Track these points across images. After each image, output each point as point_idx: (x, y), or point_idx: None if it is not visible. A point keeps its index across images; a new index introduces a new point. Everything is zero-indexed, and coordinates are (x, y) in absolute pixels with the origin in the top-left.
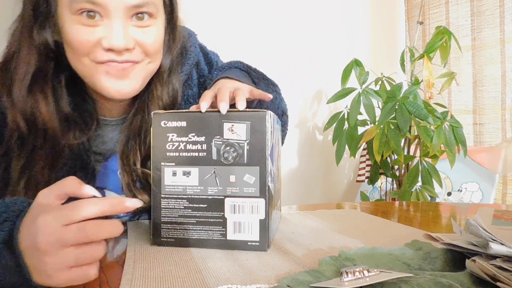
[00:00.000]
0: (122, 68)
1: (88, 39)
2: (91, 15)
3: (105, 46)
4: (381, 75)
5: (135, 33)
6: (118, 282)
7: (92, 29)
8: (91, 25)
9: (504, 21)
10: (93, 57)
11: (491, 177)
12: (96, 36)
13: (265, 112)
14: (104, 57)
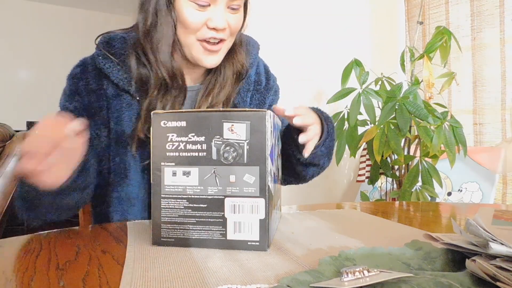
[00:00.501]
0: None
1: (199, 20)
2: (203, 5)
3: (210, 25)
4: (381, 75)
5: (229, 18)
6: (118, 282)
7: (201, 13)
8: (201, 10)
9: (504, 21)
10: (199, 34)
11: (491, 177)
12: (204, 18)
13: (265, 112)
14: (208, 34)
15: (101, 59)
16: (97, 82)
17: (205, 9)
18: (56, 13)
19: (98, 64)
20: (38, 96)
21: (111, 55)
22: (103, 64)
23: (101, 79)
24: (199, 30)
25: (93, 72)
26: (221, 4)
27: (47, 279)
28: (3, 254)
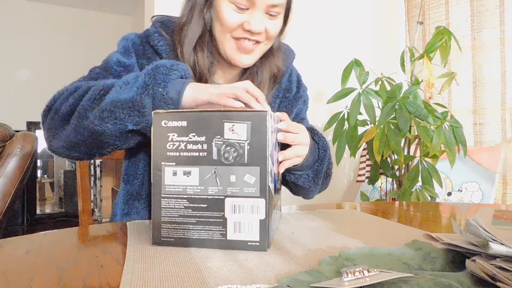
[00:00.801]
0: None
1: (236, 21)
2: (241, 8)
3: (245, 28)
4: (381, 75)
5: (266, 23)
6: (118, 282)
7: (239, 15)
8: (240, 12)
9: (504, 21)
10: (234, 33)
11: (491, 177)
12: (240, 20)
13: (265, 112)
14: (242, 35)
15: (156, 36)
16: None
17: (243, 12)
18: (56, 13)
19: (153, 40)
20: (38, 96)
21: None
22: (157, 41)
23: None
24: (235, 30)
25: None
26: (260, 9)
27: (47, 279)
28: (3, 254)
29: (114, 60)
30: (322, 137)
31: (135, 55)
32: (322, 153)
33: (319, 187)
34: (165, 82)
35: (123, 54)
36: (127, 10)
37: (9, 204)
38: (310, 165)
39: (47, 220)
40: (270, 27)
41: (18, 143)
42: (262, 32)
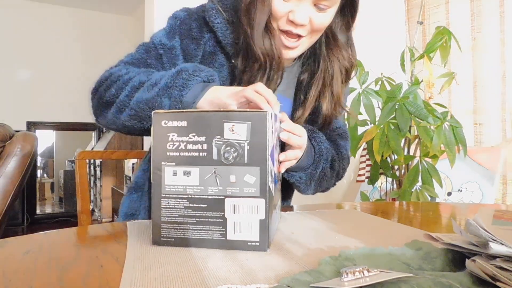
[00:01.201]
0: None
1: (282, 9)
2: None
3: (290, 18)
4: (381, 75)
5: (313, 15)
6: (118, 282)
7: (286, 4)
8: (287, 1)
9: (504, 21)
10: (280, 24)
11: (491, 177)
12: (287, 9)
13: (265, 112)
14: (285, 27)
15: (213, 13)
16: (200, 32)
17: (290, 1)
18: (56, 13)
19: (209, 17)
20: (38, 96)
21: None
22: (214, 18)
23: (203, 32)
24: (280, 20)
25: (197, 21)
26: (307, 0)
27: (47, 279)
28: (3, 254)
29: (157, 41)
30: (320, 142)
31: (178, 35)
32: (317, 158)
33: (313, 188)
34: (183, 86)
35: (167, 34)
36: (127, 10)
37: (9, 204)
38: (304, 168)
39: (47, 220)
40: (316, 19)
41: (18, 143)
42: (305, 25)
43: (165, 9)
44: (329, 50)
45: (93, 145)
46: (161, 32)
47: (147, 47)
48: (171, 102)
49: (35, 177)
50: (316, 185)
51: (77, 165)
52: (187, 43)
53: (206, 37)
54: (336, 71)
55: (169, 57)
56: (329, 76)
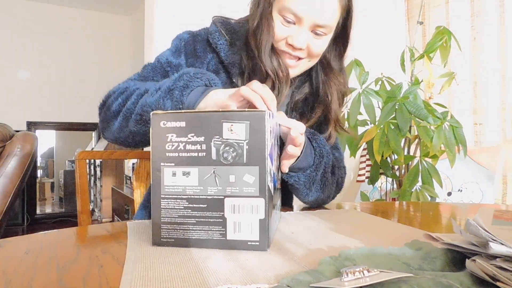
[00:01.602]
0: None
1: (281, 33)
2: (288, 21)
3: (289, 42)
4: (381, 75)
5: (309, 40)
6: (118, 282)
7: (286, 28)
8: (286, 26)
9: (504, 21)
10: (278, 46)
11: (491, 177)
12: (286, 33)
13: (264, 112)
14: (284, 48)
15: (217, 35)
16: (204, 52)
17: (289, 26)
18: (56, 13)
19: (213, 39)
20: (38, 96)
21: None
22: (217, 39)
23: (206, 52)
24: (279, 42)
25: (201, 43)
26: (305, 26)
27: (47, 279)
28: (3, 254)
29: (164, 60)
30: (321, 144)
31: (184, 54)
32: (318, 160)
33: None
34: (184, 88)
35: (173, 54)
36: (127, 10)
37: (9, 204)
38: (303, 169)
39: (47, 220)
40: (313, 45)
41: (18, 143)
42: (303, 49)
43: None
44: (326, 76)
45: (93, 145)
46: (167, 52)
47: (153, 66)
48: (172, 103)
49: (35, 177)
50: (317, 190)
51: (77, 165)
52: (192, 61)
53: (209, 57)
54: (334, 94)
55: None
56: (329, 100)
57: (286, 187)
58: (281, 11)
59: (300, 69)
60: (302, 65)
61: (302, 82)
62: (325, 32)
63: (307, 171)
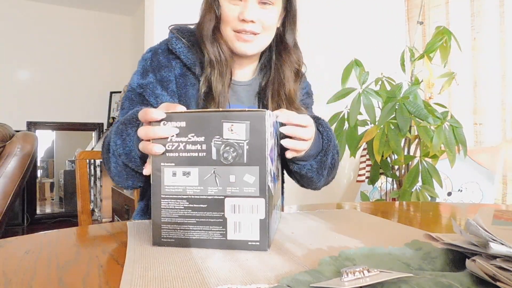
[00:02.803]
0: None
1: (232, 13)
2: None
3: (240, 17)
4: (381, 75)
5: (258, 12)
6: (118, 282)
7: (235, 7)
8: (235, 4)
9: (504, 21)
10: (232, 25)
11: (491, 177)
12: (237, 12)
13: (264, 112)
14: (239, 26)
15: (174, 40)
16: (167, 61)
17: (238, 3)
18: (56, 13)
19: (171, 45)
20: (38, 96)
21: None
22: (175, 44)
23: (170, 60)
24: (232, 22)
25: (162, 54)
26: (251, 1)
27: (47, 279)
28: (3, 254)
29: (135, 85)
30: (327, 128)
31: (151, 72)
32: (326, 144)
33: (325, 178)
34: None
35: (142, 75)
36: (127, 10)
37: (9, 204)
38: (314, 156)
39: (47, 220)
40: (264, 17)
41: (18, 143)
42: (255, 21)
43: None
44: (279, 55)
45: (93, 145)
46: (135, 77)
47: (129, 98)
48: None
49: (35, 177)
50: (328, 174)
51: (78, 165)
52: (161, 74)
53: (174, 63)
54: (286, 73)
55: (148, 92)
56: (281, 79)
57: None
58: None
59: (257, 44)
60: (259, 39)
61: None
62: (271, 1)
63: (317, 157)
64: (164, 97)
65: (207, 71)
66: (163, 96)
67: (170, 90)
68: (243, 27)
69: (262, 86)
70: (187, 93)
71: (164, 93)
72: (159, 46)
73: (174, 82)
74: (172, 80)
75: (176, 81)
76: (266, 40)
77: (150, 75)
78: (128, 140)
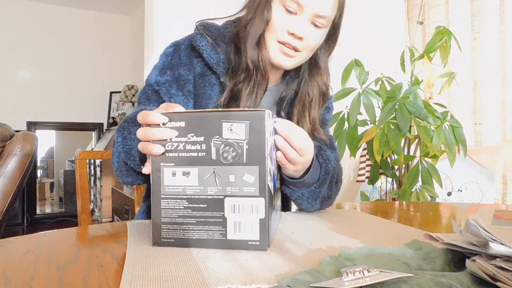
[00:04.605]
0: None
1: (283, 22)
2: (290, 11)
3: (290, 31)
4: (381, 75)
5: (309, 30)
6: (118, 282)
7: (287, 18)
8: (288, 15)
9: (504, 21)
10: (278, 36)
11: (491, 177)
12: (287, 23)
13: (263, 111)
14: (285, 38)
15: (198, 38)
16: (188, 59)
17: (291, 15)
18: (56, 13)
19: (195, 42)
20: (38, 96)
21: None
22: (199, 42)
23: (191, 58)
24: (280, 31)
25: (185, 50)
26: (306, 16)
27: (47, 279)
28: (3, 254)
29: (153, 81)
30: (327, 160)
31: (170, 69)
32: (323, 176)
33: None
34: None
35: (160, 72)
36: (127, 10)
37: (9, 204)
38: (308, 185)
39: (47, 220)
40: (311, 36)
41: (18, 143)
42: (303, 38)
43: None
44: (311, 74)
45: (93, 145)
46: (154, 72)
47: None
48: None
49: (35, 177)
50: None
51: (78, 165)
52: (179, 72)
53: (195, 62)
54: (315, 94)
55: (164, 91)
56: (309, 99)
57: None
58: (282, 0)
59: (296, 61)
60: (299, 57)
61: (292, 79)
62: (324, 24)
63: (311, 187)
64: (178, 97)
65: (239, 78)
66: (178, 96)
67: (186, 90)
68: (289, 40)
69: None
70: (204, 94)
71: (179, 93)
72: (183, 41)
73: (192, 82)
74: (190, 79)
75: (194, 80)
76: (305, 58)
77: (168, 73)
78: (129, 138)
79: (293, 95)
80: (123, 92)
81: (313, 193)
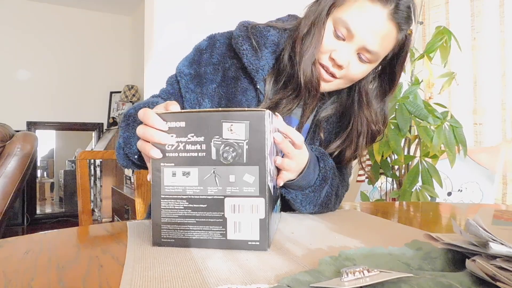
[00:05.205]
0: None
1: (328, 45)
2: (339, 35)
3: (332, 56)
4: None
5: (352, 60)
6: (118, 282)
7: (334, 42)
8: (336, 39)
9: (504, 21)
10: (320, 57)
11: (491, 177)
12: (332, 47)
13: (263, 112)
14: (325, 61)
15: (241, 40)
16: (220, 58)
17: (338, 40)
18: (56, 13)
19: (236, 44)
20: (38, 96)
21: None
22: (241, 45)
23: (225, 57)
24: (322, 54)
25: (219, 48)
26: (353, 46)
27: (47, 279)
28: (3, 254)
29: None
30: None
31: (197, 65)
32: (319, 182)
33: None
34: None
35: (188, 65)
36: (127, 10)
37: (9, 204)
38: (302, 188)
39: (47, 220)
40: (353, 67)
41: (18, 143)
42: (343, 67)
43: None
44: (361, 110)
45: (93, 145)
46: (185, 61)
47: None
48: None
49: (35, 177)
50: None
51: (78, 165)
52: (205, 69)
53: (229, 63)
54: (364, 131)
55: (183, 83)
56: (357, 134)
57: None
58: (335, 22)
59: (330, 87)
60: (334, 84)
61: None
62: (370, 60)
63: (305, 191)
64: (193, 94)
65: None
66: (194, 93)
67: (205, 89)
68: (328, 65)
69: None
70: (234, 99)
71: (197, 90)
72: (221, 36)
73: (218, 84)
74: (216, 81)
75: (222, 83)
76: (341, 87)
77: (193, 67)
78: (132, 126)
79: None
80: (123, 92)
81: (307, 197)
